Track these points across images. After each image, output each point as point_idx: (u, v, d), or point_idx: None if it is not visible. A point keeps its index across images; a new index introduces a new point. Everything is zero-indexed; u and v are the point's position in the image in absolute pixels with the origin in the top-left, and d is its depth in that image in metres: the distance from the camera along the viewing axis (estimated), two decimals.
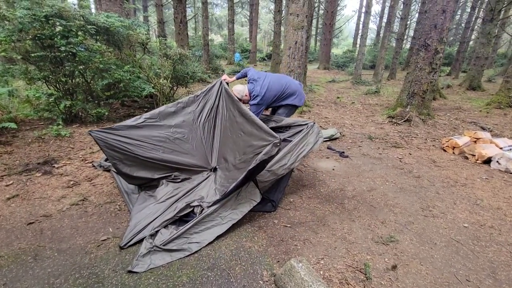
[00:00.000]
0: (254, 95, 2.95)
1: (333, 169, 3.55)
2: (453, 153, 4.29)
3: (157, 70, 5.08)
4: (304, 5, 5.97)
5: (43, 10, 3.56)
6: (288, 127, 2.84)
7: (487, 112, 6.88)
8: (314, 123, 2.68)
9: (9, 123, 3.52)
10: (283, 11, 15.53)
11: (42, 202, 2.60)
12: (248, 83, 3.07)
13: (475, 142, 4.36)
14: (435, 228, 2.43)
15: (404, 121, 5.71)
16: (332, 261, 1.98)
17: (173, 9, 11.49)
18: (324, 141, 4.62)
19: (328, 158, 3.94)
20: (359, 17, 27.05)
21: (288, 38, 6.30)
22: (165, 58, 5.29)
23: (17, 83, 5.60)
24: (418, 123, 5.63)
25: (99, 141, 2.39)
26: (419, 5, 17.77)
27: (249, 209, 2.32)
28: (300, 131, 2.64)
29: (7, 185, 2.85)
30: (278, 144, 2.31)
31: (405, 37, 22.79)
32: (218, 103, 3.16)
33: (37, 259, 1.91)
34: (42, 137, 3.91)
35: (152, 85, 4.79)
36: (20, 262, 1.87)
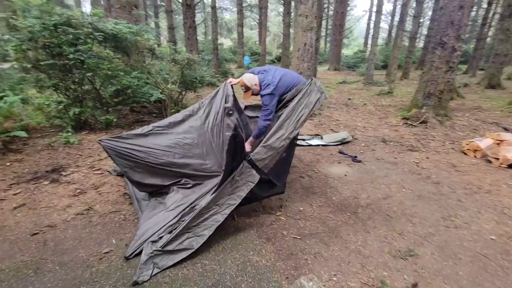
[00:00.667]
0: (266, 84, 2.74)
1: (346, 175, 3.38)
2: (475, 156, 4.03)
3: (165, 76, 5.06)
4: (313, 6, 5.85)
5: (52, 19, 3.59)
6: (292, 98, 2.63)
7: (510, 112, 6.51)
8: (313, 79, 2.50)
9: (19, 131, 3.55)
10: (292, 13, 15.42)
11: (48, 211, 2.58)
12: (257, 74, 2.89)
13: (498, 144, 4.09)
14: (458, 240, 2.23)
15: (420, 122, 5.46)
16: (346, 277, 1.84)
17: (182, 15, 11.60)
18: (335, 144, 4.46)
19: (340, 163, 3.78)
20: (369, 16, 26.57)
21: (297, 40, 6.18)
22: (173, 63, 5.27)
23: (32, 91, 5.73)
24: (435, 124, 5.37)
25: (109, 150, 2.35)
26: (433, 2, 17.27)
27: (246, 192, 2.14)
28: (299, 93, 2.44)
29: (15, 194, 2.85)
30: (231, 112, 2.12)
31: (419, 35, 22.19)
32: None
33: (38, 273, 1.86)
34: (52, 145, 3.93)
35: (160, 90, 4.77)
36: (20, 276, 1.83)
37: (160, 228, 2.18)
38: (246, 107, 3.32)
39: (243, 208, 2.63)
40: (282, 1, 18.52)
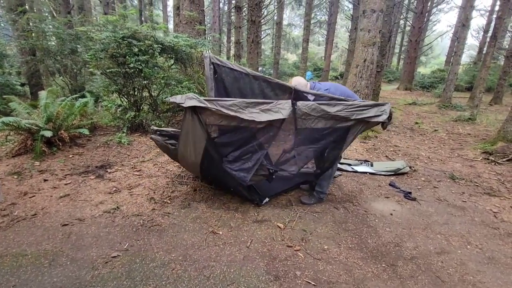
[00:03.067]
0: (316, 88, 2.86)
1: (391, 214, 2.83)
2: None
3: None
4: (377, 20, 5.35)
5: (121, 32, 4.04)
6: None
7: None
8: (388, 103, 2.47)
9: (83, 129, 4.04)
10: None
11: (84, 205, 2.79)
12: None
13: None
14: None
15: (508, 160, 4.35)
16: None
17: (247, 30, 12.11)
18: (387, 175, 3.85)
19: (387, 198, 3.21)
20: (455, 32, 23.58)
21: (356, 56, 5.72)
22: None
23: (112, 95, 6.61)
24: None
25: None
26: None
27: (270, 118, 2.29)
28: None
29: (66, 184, 3.20)
30: None
31: None
32: None
33: (52, 264, 1.96)
34: (108, 143, 4.37)
35: None
36: (37, 264, 1.95)
37: None
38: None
39: (260, 233, 2.41)
40: (351, 16, 17.87)
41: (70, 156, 3.93)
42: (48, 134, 3.63)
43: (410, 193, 3.28)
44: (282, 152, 2.91)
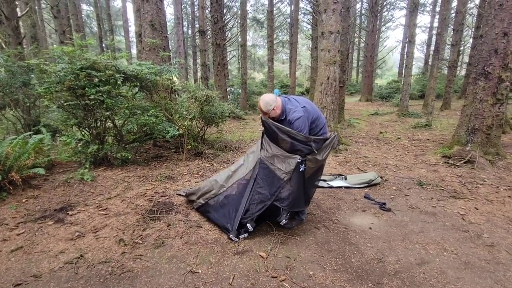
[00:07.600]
0: (291, 108, 2.58)
1: (370, 228, 2.86)
2: None
3: (184, 112, 5.11)
4: (335, 41, 5.70)
5: (79, 63, 3.84)
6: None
7: None
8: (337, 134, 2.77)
9: (38, 168, 3.66)
10: None
11: (40, 257, 2.46)
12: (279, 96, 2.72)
13: None
14: None
15: (465, 162, 4.71)
16: None
17: (212, 53, 12.28)
18: (361, 187, 3.95)
19: (364, 211, 3.26)
20: (403, 47, 26.05)
21: (320, 74, 6.00)
22: (193, 100, 5.34)
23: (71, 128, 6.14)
24: (484, 165, 4.59)
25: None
26: (473, 30, 16.33)
27: (277, 166, 2.56)
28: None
29: (18, 234, 2.82)
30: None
31: (460, 64, 20.93)
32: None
33: None
34: (68, 181, 4.00)
35: (177, 127, 4.78)
36: None
37: None
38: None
39: (242, 266, 2.28)
40: (311, 36, 18.97)
41: (23, 200, 3.51)
42: None
43: (384, 204, 3.37)
44: None
